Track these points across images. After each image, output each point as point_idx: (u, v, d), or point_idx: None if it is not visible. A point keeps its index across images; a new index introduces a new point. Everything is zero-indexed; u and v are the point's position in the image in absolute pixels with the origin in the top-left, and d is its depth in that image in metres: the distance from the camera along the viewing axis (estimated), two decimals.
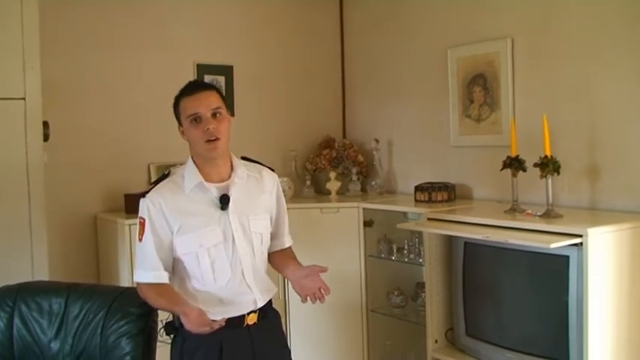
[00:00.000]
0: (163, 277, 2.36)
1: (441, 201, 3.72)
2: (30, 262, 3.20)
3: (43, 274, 3.21)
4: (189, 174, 2.39)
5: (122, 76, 3.90)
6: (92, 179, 3.81)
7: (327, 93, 4.71)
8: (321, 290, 2.46)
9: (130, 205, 3.70)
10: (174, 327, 2.43)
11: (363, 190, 4.38)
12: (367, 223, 3.92)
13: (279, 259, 2.61)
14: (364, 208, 3.90)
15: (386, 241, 3.96)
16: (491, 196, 3.74)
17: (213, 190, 2.39)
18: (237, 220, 2.39)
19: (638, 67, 3.07)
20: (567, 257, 2.78)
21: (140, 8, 3.96)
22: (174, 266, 2.40)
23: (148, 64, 3.98)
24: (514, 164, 3.22)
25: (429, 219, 3.38)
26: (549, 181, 3.05)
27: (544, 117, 3.04)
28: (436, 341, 3.43)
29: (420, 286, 3.75)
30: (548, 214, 3.01)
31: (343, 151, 4.41)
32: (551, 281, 2.91)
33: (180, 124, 2.41)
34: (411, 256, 3.85)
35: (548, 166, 3.02)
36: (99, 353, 2.53)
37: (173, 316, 2.43)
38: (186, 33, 4.12)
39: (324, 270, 2.47)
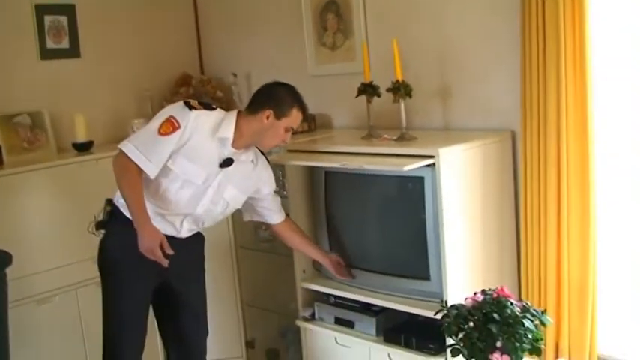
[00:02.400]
0: (154, 174, 2.65)
1: (302, 132, 3.69)
2: None
3: None
4: (226, 126, 2.72)
5: None
6: None
7: (179, 27, 4.51)
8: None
9: None
10: (104, 224, 2.79)
11: None
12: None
13: (301, 241, 3.19)
14: None
15: None
16: (351, 123, 3.75)
17: (227, 151, 2.73)
18: (220, 180, 2.75)
19: None
20: (422, 178, 2.84)
21: None
22: None
23: None
24: (368, 90, 3.23)
25: (288, 151, 3.35)
26: (402, 105, 3.08)
27: (394, 41, 3.05)
28: (304, 271, 3.46)
29: None
30: (403, 138, 3.06)
31: (201, 87, 4.28)
32: (409, 203, 2.98)
33: (276, 114, 2.74)
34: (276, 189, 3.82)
35: (400, 90, 3.04)
36: None
37: (106, 213, 2.79)
38: None
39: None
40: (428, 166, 2.77)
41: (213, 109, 2.77)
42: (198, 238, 2.99)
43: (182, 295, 2.95)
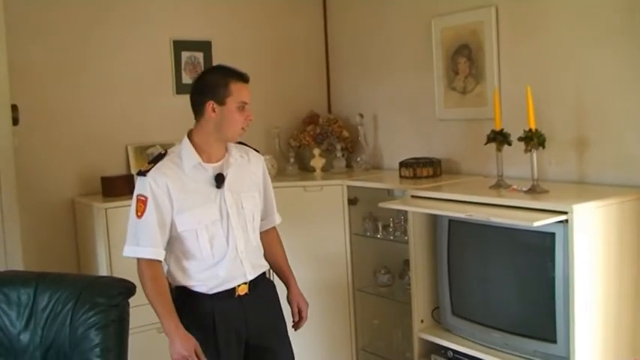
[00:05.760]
0: (161, 255, 2.50)
1: (427, 177, 3.62)
2: (3, 252, 3.13)
3: (16, 263, 3.14)
4: (187, 154, 2.54)
5: (95, 56, 3.77)
6: (68, 162, 3.71)
7: (310, 67, 4.58)
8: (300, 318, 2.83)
9: (107, 188, 3.62)
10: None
11: (349, 166, 4.28)
12: (351, 201, 3.83)
13: (273, 254, 2.82)
14: (348, 186, 3.80)
15: (371, 219, 3.87)
16: (478, 170, 3.64)
17: (210, 170, 2.56)
18: (231, 197, 2.56)
19: (627, 34, 2.95)
20: (553, 234, 2.69)
21: None
22: (172, 244, 2.54)
23: (121, 41, 3.86)
24: (498, 138, 3.11)
25: (412, 196, 3.28)
26: (534, 155, 2.94)
27: (528, 89, 2.93)
28: (422, 321, 3.35)
29: (408, 263, 3.65)
30: (534, 190, 2.91)
31: (328, 127, 4.30)
32: (538, 259, 2.83)
33: (217, 101, 2.50)
34: (397, 233, 3.75)
35: (533, 139, 2.91)
36: (68, 345, 2.45)
37: (171, 291, 2.54)
38: (160, 8, 3.99)
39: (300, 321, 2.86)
40: (560, 222, 2.62)
41: (164, 154, 2.55)
42: (268, 287, 2.74)
43: (267, 355, 2.69)
